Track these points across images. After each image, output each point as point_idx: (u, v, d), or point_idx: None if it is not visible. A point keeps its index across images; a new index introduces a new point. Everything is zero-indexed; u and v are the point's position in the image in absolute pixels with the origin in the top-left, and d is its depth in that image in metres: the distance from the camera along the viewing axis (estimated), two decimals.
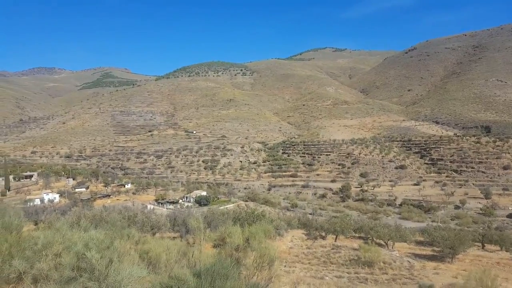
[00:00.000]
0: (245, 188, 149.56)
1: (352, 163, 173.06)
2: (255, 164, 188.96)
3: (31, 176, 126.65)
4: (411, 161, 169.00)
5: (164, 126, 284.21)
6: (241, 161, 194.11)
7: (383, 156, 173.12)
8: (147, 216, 31.52)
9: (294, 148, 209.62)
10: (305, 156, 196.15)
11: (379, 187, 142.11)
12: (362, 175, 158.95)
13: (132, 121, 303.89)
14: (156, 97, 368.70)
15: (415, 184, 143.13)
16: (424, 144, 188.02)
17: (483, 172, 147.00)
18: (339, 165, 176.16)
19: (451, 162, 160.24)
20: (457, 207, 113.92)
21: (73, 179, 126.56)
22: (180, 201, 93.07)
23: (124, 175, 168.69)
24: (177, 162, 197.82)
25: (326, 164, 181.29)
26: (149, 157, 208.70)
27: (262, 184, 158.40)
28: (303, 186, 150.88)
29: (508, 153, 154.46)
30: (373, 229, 34.84)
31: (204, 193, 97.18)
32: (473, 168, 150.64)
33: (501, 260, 30.23)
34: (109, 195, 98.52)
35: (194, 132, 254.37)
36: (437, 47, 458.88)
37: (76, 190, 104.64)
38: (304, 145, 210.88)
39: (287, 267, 25.37)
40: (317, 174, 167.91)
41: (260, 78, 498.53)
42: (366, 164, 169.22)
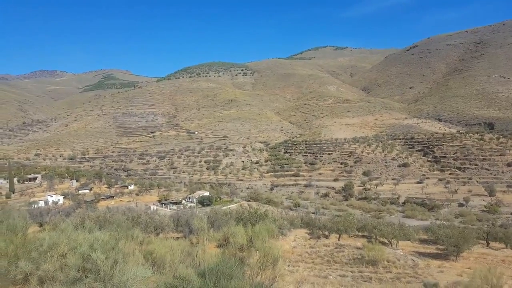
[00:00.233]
0: (248, 188, 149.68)
1: (355, 162, 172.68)
2: (257, 164, 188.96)
3: (35, 179, 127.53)
4: (414, 159, 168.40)
5: (166, 127, 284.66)
6: (243, 161, 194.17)
7: (386, 155, 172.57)
8: (151, 217, 31.61)
9: (296, 148, 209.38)
10: (307, 156, 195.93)
11: (382, 186, 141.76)
12: (365, 174, 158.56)
13: (134, 123, 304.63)
14: (158, 99, 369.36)
15: (418, 182, 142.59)
16: (427, 142, 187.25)
17: (487, 169, 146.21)
18: (342, 164, 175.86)
19: (454, 160, 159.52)
20: (461, 205, 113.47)
21: (77, 181, 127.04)
22: (183, 202, 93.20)
23: (127, 177, 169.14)
24: (180, 163, 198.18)
25: (329, 163, 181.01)
26: (152, 158, 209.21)
27: (265, 184, 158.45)
28: (306, 186, 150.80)
29: None
30: (377, 228, 34.77)
31: (207, 194, 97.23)
32: (477, 165, 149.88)
33: (506, 258, 30.09)
34: (113, 197, 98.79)
35: (196, 133, 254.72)
36: (439, 44, 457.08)
37: (80, 192, 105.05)
38: (306, 145, 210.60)
39: (291, 267, 25.37)
40: (320, 173, 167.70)
41: (261, 78, 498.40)
42: (369, 163, 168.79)
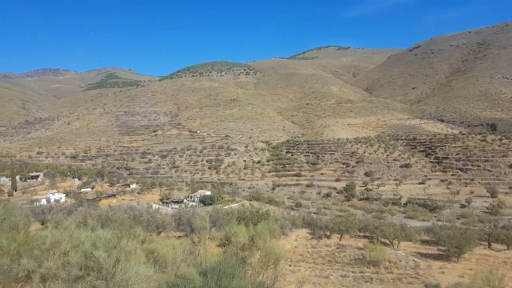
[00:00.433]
0: (249, 188, 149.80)
1: (357, 162, 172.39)
2: (259, 164, 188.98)
3: (37, 177, 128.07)
4: (416, 160, 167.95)
5: (168, 126, 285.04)
6: (245, 161, 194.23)
7: (388, 155, 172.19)
8: (152, 216, 31.67)
9: (298, 147, 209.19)
10: (309, 155, 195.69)
11: (384, 186, 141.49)
12: (367, 174, 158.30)
13: (137, 121, 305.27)
14: (160, 97, 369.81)
15: (420, 183, 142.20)
16: (429, 143, 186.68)
17: (489, 171, 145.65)
18: (344, 164, 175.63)
19: (457, 161, 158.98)
20: (463, 206, 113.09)
21: (79, 179, 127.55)
22: (185, 201, 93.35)
23: (129, 175, 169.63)
24: (182, 162, 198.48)
25: (330, 163, 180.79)
26: (154, 157, 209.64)
27: (266, 184, 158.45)
28: (307, 186, 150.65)
29: None
30: (378, 228, 34.67)
31: (209, 193, 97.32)
32: (479, 167, 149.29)
33: (508, 260, 29.94)
34: (115, 195, 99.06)
35: (198, 132, 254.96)
36: (442, 45, 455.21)
37: (82, 190, 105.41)
38: (308, 144, 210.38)
39: (292, 266, 25.37)
40: (321, 173, 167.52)
41: (264, 78, 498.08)
42: (371, 163, 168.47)
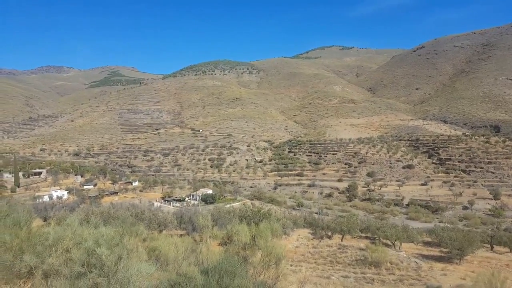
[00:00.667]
0: (251, 187, 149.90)
1: (359, 163, 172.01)
2: (261, 163, 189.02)
3: (40, 173, 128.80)
4: (419, 161, 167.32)
5: (171, 125, 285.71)
6: (247, 160, 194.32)
7: (391, 156, 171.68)
8: (154, 214, 31.71)
9: (300, 147, 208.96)
10: (312, 155, 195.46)
11: (386, 187, 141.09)
12: (369, 175, 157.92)
13: (139, 119, 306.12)
14: (163, 96, 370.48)
15: (423, 184, 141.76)
16: (432, 144, 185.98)
17: (492, 173, 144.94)
18: (346, 164, 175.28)
19: (460, 162, 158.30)
20: (465, 208, 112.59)
21: (81, 177, 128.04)
22: (187, 199, 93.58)
23: (132, 173, 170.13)
24: (184, 160, 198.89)
25: (333, 163, 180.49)
26: (156, 155, 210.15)
27: (268, 183, 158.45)
28: (309, 185, 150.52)
29: None
30: (380, 229, 34.55)
31: (210, 191, 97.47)
32: (482, 168, 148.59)
33: (511, 262, 29.78)
34: (117, 193, 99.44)
35: (201, 131, 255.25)
36: (446, 45, 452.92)
37: (84, 187, 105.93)
38: (311, 144, 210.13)
39: (293, 266, 25.34)
40: (324, 173, 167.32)
41: (267, 77, 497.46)
42: (373, 164, 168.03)
